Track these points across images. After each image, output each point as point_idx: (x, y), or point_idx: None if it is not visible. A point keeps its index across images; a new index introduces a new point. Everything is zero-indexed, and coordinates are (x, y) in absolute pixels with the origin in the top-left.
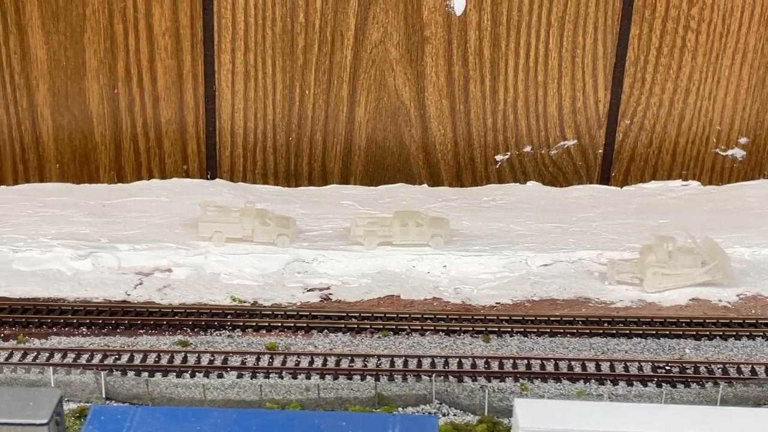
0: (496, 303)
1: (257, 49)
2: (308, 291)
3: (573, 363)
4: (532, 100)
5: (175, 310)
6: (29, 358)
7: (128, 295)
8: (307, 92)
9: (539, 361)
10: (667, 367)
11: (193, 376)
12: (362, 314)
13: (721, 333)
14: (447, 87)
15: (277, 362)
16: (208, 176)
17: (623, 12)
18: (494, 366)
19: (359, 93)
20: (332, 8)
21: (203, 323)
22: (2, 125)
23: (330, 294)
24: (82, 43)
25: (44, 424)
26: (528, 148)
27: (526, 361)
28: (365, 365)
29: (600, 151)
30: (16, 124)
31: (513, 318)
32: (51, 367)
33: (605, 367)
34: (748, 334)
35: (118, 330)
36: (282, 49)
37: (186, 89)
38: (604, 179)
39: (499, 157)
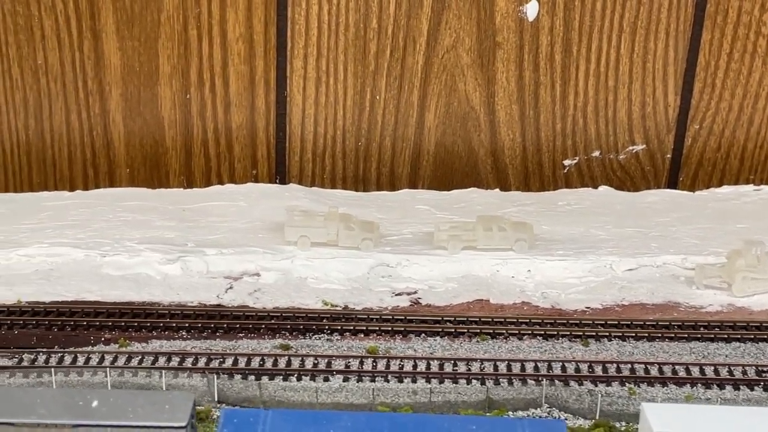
0: (586, 307)
1: (329, 55)
2: (396, 295)
3: (677, 367)
4: (602, 104)
5: (271, 314)
6: (134, 362)
7: (220, 298)
8: (377, 97)
9: (642, 366)
10: None
11: (299, 379)
12: (457, 318)
13: None
14: (517, 92)
15: (381, 365)
16: (277, 181)
17: (695, 18)
18: (598, 370)
19: (429, 98)
20: (405, 14)
21: (301, 327)
22: (74, 130)
23: (419, 298)
24: (155, 49)
25: (182, 427)
26: (596, 153)
27: (629, 366)
28: (469, 369)
29: (668, 155)
30: (88, 129)
31: (608, 322)
32: (162, 371)
33: (709, 371)
34: None
35: (217, 334)
36: (354, 55)
37: (258, 95)
38: (672, 184)
39: (567, 162)
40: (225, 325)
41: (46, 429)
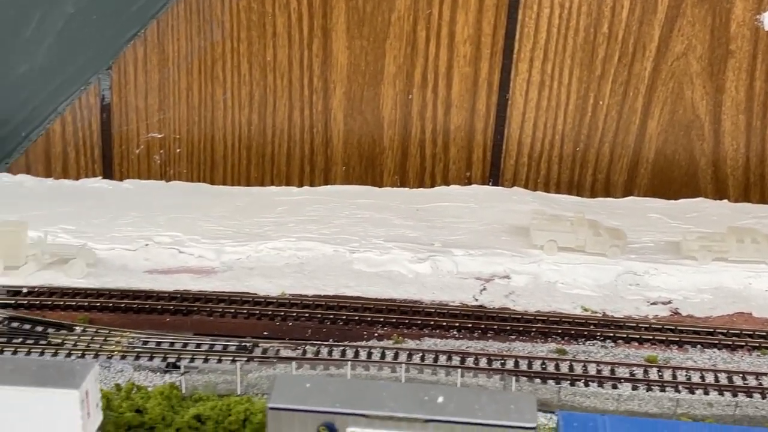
0: None
1: (556, 59)
2: (652, 304)
3: None
4: None
5: (537, 317)
6: (415, 359)
7: (477, 300)
8: (600, 103)
9: None
10: None
11: (587, 385)
12: (730, 331)
13: None
14: (746, 102)
15: (667, 375)
16: (490, 183)
17: None
18: None
19: (654, 105)
20: (638, 20)
21: (572, 332)
22: (295, 127)
23: (677, 308)
24: (383, 49)
25: (533, 428)
26: None
27: None
28: (760, 383)
29: None
30: (309, 126)
31: None
32: (459, 370)
33: None
34: None
35: (488, 335)
36: (581, 60)
37: (479, 97)
38: None
39: None
40: (496, 327)
41: (398, 422)
